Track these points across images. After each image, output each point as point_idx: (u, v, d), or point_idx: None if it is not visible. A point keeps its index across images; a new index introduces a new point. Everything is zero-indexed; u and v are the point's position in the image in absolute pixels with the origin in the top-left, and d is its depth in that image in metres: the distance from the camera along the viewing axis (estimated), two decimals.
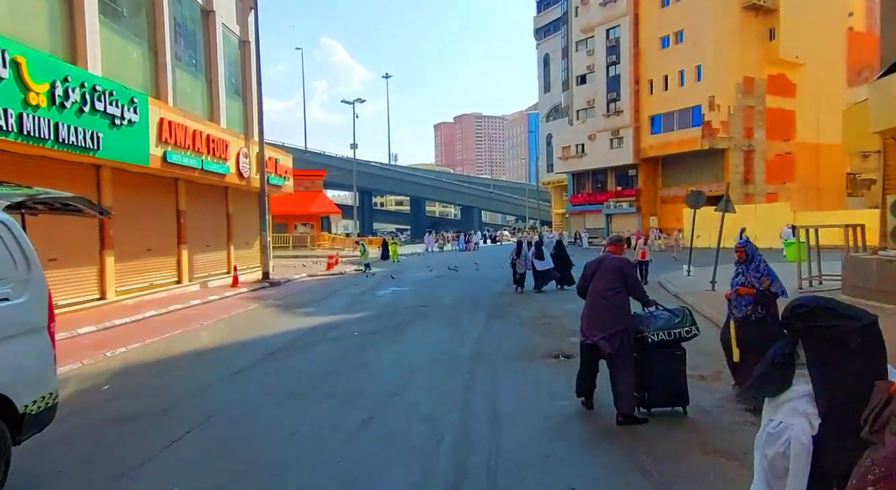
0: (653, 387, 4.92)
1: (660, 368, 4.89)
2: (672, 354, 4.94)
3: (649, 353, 4.94)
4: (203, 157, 14.87)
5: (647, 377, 4.92)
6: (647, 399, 4.95)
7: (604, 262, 5.27)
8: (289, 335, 9.63)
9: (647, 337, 4.92)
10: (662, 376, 4.90)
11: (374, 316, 11.78)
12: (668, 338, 4.91)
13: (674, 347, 4.97)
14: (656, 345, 4.91)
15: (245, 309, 13.06)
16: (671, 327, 4.94)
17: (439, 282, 18.88)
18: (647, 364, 4.91)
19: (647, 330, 4.95)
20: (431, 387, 6.18)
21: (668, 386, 4.91)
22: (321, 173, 45.21)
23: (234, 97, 20.18)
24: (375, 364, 7.36)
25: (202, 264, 16.98)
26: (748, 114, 39.84)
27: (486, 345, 8.56)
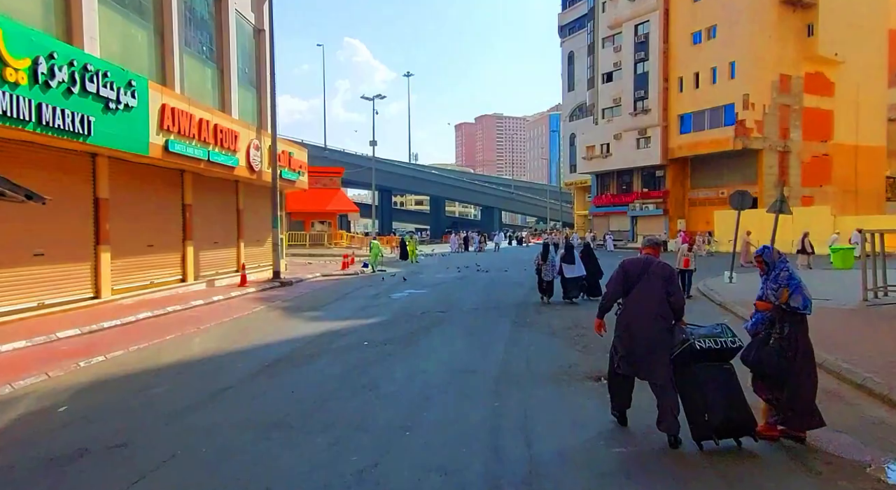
0: (712, 405, 4.21)
1: (713, 383, 4.28)
2: (722, 368, 4.37)
3: (696, 368, 4.35)
4: (210, 148, 13.97)
5: (702, 395, 4.26)
6: (709, 421, 4.20)
7: (650, 266, 4.68)
8: (290, 344, 8.60)
9: (695, 343, 4.34)
10: (719, 391, 4.26)
11: (388, 322, 10.70)
12: (715, 346, 4.35)
13: (721, 362, 4.41)
14: (703, 355, 4.34)
15: (249, 311, 12.09)
16: (716, 336, 4.42)
17: (459, 284, 17.75)
18: (698, 379, 4.31)
19: (693, 336, 4.40)
20: (449, 419, 5.05)
21: (729, 404, 4.23)
22: (339, 171, 44.42)
23: (247, 88, 19.31)
24: (384, 384, 6.26)
25: (209, 262, 16.11)
26: (784, 113, 37.99)
27: (513, 361, 7.42)
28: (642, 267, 4.72)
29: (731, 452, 4.22)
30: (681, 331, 4.50)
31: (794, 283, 4.34)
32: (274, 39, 18.91)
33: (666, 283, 4.62)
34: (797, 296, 4.29)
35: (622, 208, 47.40)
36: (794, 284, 4.33)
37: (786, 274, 4.40)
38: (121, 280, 12.14)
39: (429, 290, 16.45)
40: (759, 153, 37.63)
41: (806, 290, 4.35)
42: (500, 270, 22.81)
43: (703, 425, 4.22)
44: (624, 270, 4.77)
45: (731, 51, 37.37)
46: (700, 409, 4.26)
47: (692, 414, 4.32)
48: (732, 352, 4.43)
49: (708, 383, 4.29)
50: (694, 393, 4.32)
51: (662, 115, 42.21)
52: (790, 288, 4.31)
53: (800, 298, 4.29)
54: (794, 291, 4.30)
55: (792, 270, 4.44)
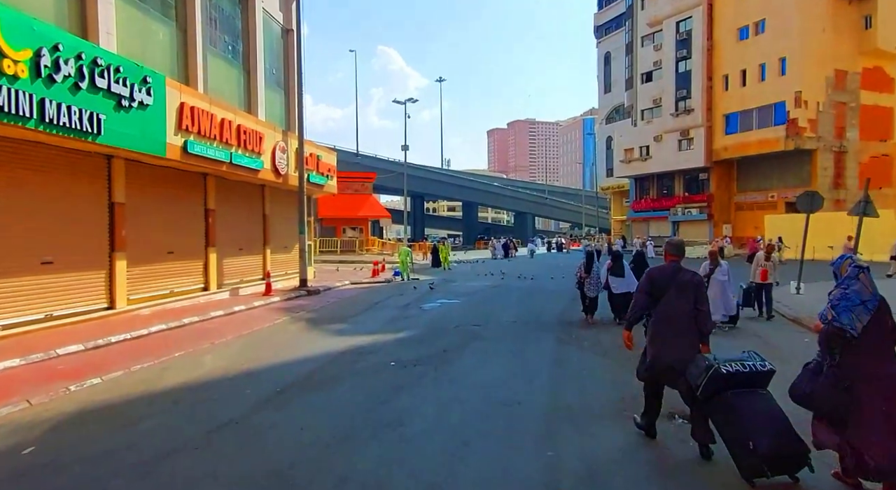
0: (755, 431, 3.68)
1: (751, 409, 3.82)
2: (758, 394, 3.94)
3: (727, 395, 3.92)
4: (232, 150, 13.28)
5: (741, 422, 3.78)
6: (756, 449, 3.63)
7: (678, 275, 4.46)
8: (309, 363, 7.67)
9: (720, 367, 3.91)
10: (760, 416, 3.78)
11: (418, 337, 9.70)
12: (743, 370, 3.94)
13: (755, 388, 3.98)
14: (732, 381, 3.91)
15: (271, 323, 11.27)
16: (743, 359, 4.04)
17: (494, 293, 16.64)
18: (733, 407, 3.86)
19: (716, 361, 3.99)
20: (493, 476, 3.98)
21: (775, 428, 3.71)
22: (371, 176, 43.87)
23: (275, 89, 18.72)
24: (412, 420, 5.24)
25: (234, 270, 15.45)
26: (839, 111, 35.62)
27: (563, 390, 6.30)
28: (670, 276, 4.48)
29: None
30: (702, 358, 4.10)
31: (845, 302, 3.63)
32: (301, 39, 18.29)
33: (695, 295, 4.40)
34: (845, 314, 3.58)
35: (662, 213, 45.44)
36: (844, 304, 3.62)
37: (839, 292, 3.73)
38: (138, 289, 11.50)
39: (462, 300, 15.40)
40: (812, 154, 35.35)
41: (857, 311, 3.57)
42: (537, 278, 21.58)
43: (749, 456, 3.67)
44: (650, 280, 4.54)
45: (781, 46, 35.27)
46: (742, 438, 3.75)
47: (735, 447, 3.83)
48: (764, 376, 4.01)
49: (745, 409, 3.83)
50: (731, 422, 3.86)
51: (706, 115, 40.24)
52: (837, 308, 3.64)
53: (847, 319, 3.56)
54: (841, 311, 3.60)
55: (851, 289, 3.68)
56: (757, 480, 3.72)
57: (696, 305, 4.38)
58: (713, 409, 4.04)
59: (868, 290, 3.61)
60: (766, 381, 4.07)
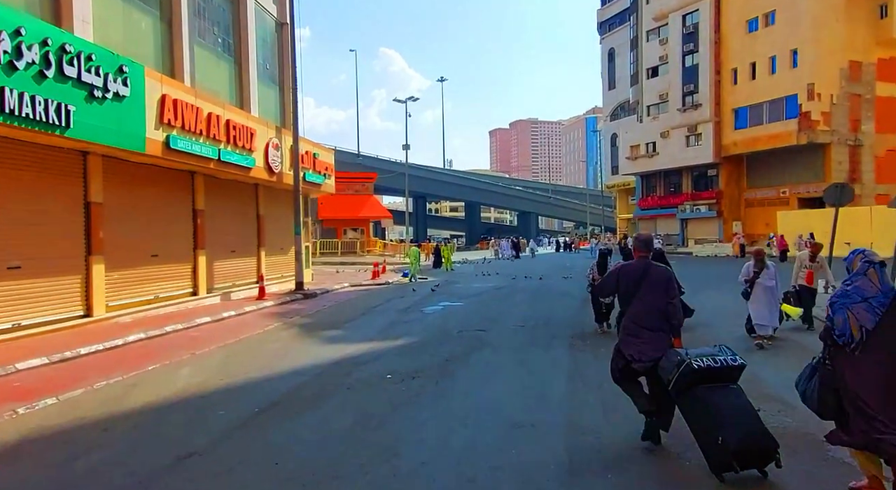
0: (724, 425, 3.70)
1: (722, 403, 3.82)
2: (728, 388, 3.95)
3: (698, 390, 3.91)
4: (221, 147, 12.51)
5: (710, 416, 3.80)
6: (724, 443, 3.63)
7: (649, 271, 4.39)
8: (296, 377, 6.88)
9: (692, 362, 3.90)
10: (730, 410, 3.79)
11: (418, 345, 8.90)
12: (714, 364, 3.92)
13: (726, 382, 3.98)
14: (703, 376, 3.89)
15: (261, 330, 10.49)
16: (714, 354, 4.02)
17: (499, 295, 15.83)
18: (703, 401, 3.87)
19: (688, 356, 3.97)
20: None
21: (744, 423, 3.73)
22: (372, 176, 43.12)
23: (269, 85, 17.97)
24: (408, 449, 4.43)
25: (225, 273, 14.68)
26: (854, 103, 34.60)
27: (583, 407, 5.49)
28: (640, 273, 4.40)
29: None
30: (674, 353, 4.09)
31: (842, 301, 3.34)
32: (296, 33, 17.49)
33: (666, 289, 4.36)
34: (837, 317, 3.32)
35: (670, 210, 44.51)
36: (842, 302, 3.34)
37: (841, 288, 3.46)
38: (118, 295, 10.74)
39: (466, 302, 14.60)
40: (826, 148, 34.38)
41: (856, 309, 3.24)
42: (543, 278, 20.76)
43: (718, 450, 3.69)
44: (618, 276, 4.52)
45: (792, 37, 34.32)
46: (711, 432, 3.75)
47: (704, 441, 3.85)
48: (735, 370, 4.00)
49: (715, 403, 3.83)
50: (701, 416, 3.87)
51: (715, 109, 39.32)
52: (833, 306, 3.39)
53: (839, 320, 3.29)
54: (835, 311, 3.34)
55: (853, 285, 3.37)
56: (726, 474, 3.70)
57: (669, 300, 4.33)
58: (684, 403, 4.03)
59: (874, 287, 3.27)
60: (738, 376, 4.05)
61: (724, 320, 10.31)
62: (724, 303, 12.17)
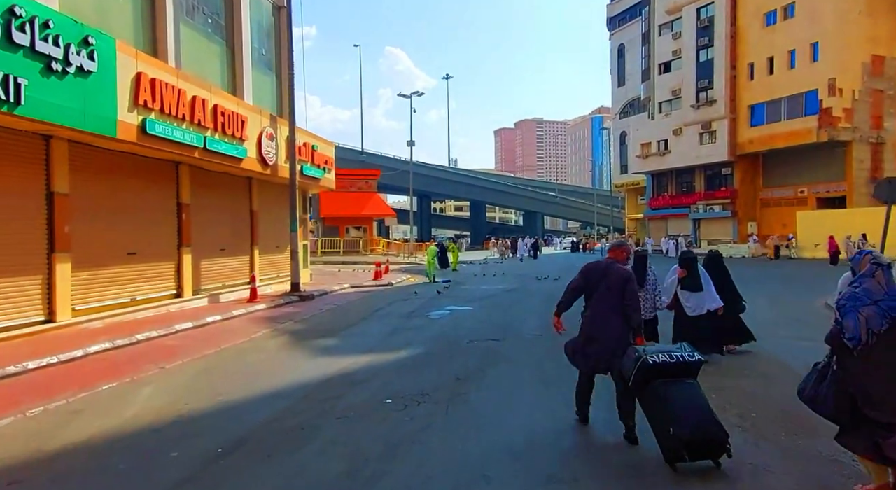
0: (677, 418, 3.81)
1: (676, 397, 3.93)
2: (684, 383, 4.02)
3: (655, 385, 4.01)
4: (207, 134, 11.36)
5: (665, 409, 3.91)
6: (676, 434, 3.75)
7: (610, 272, 4.61)
8: (276, 401, 5.71)
9: (647, 358, 4.01)
10: (683, 403, 3.89)
11: (423, 358, 7.73)
12: (670, 360, 4.02)
13: (683, 377, 4.05)
14: (660, 371, 4.01)
15: (247, 338, 9.33)
16: (671, 350, 4.13)
17: (512, 298, 14.64)
18: (658, 395, 3.98)
19: (644, 352, 4.07)
20: None
21: (696, 415, 3.83)
22: (376, 173, 41.93)
23: (265, 72, 16.83)
24: None
25: (214, 273, 13.54)
26: (877, 99, 33.19)
27: (635, 454, 4.30)
28: (602, 272, 4.66)
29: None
30: (633, 350, 4.22)
31: (852, 303, 3.24)
32: (292, 16, 16.31)
33: (623, 290, 4.52)
34: (847, 320, 3.20)
35: (682, 210, 43.15)
36: (851, 305, 3.23)
37: (849, 290, 3.35)
38: (87, 298, 9.59)
39: (475, 306, 13.41)
40: (847, 145, 32.99)
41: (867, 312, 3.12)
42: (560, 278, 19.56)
43: (671, 441, 3.83)
44: (583, 275, 4.76)
45: (812, 30, 32.96)
46: (664, 424, 3.90)
47: (658, 433, 4.00)
48: (692, 366, 4.10)
49: (670, 397, 3.96)
50: (657, 410, 4.01)
51: (730, 106, 37.97)
52: (843, 308, 3.27)
53: (850, 324, 3.17)
54: (845, 314, 3.23)
55: (862, 287, 3.25)
56: (679, 465, 3.83)
57: (624, 301, 4.49)
58: (643, 398, 4.16)
59: (882, 289, 3.23)
60: (695, 372, 4.14)
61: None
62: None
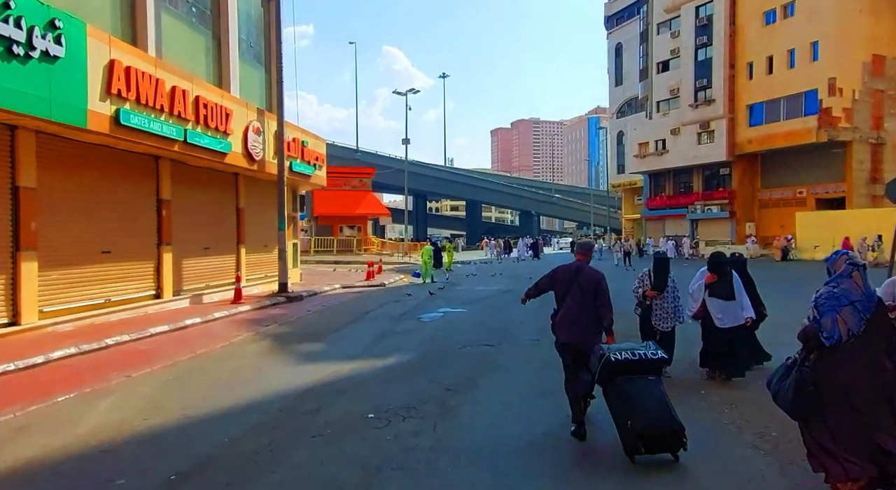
0: (634, 412, 4.00)
1: (635, 392, 4.10)
2: (646, 380, 4.19)
3: (618, 381, 4.19)
4: (188, 127, 10.81)
5: (625, 404, 4.10)
6: (632, 427, 3.95)
7: (580, 274, 4.76)
8: (248, 415, 5.18)
9: (610, 355, 4.19)
10: (641, 398, 4.06)
11: (412, 365, 7.21)
12: (632, 357, 4.20)
13: (646, 374, 4.22)
14: (623, 368, 4.18)
15: (225, 343, 8.78)
16: (634, 349, 4.29)
17: (507, 300, 14.15)
18: (620, 391, 4.17)
19: (609, 350, 4.25)
20: None
21: (652, 410, 3.99)
22: (370, 171, 41.39)
23: (253, 65, 16.28)
24: None
25: (197, 273, 12.98)
26: (877, 99, 32.86)
27: (642, 476, 3.79)
28: (573, 275, 4.76)
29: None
30: (599, 348, 4.36)
31: (831, 303, 3.22)
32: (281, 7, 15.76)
33: (595, 293, 4.64)
34: (825, 319, 3.20)
35: (680, 211, 42.73)
36: (830, 305, 3.22)
37: (826, 290, 3.33)
38: (57, 299, 9.02)
39: (469, 309, 12.92)
40: (847, 146, 32.62)
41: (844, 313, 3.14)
42: None
43: (628, 434, 4.01)
44: (552, 277, 4.89)
45: (813, 29, 32.55)
46: (624, 417, 4.08)
47: (619, 426, 4.17)
48: (655, 363, 4.28)
49: (629, 392, 4.13)
50: (618, 404, 4.19)
51: (728, 105, 37.54)
52: (821, 307, 3.26)
53: (828, 322, 3.17)
54: (823, 313, 3.22)
55: (840, 288, 3.25)
56: (638, 457, 3.95)
57: (596, 302, 4.63)
58: (606, 393, 4.31)
59: (859, 290, 3.23)
60: (658, 368, 4.31)
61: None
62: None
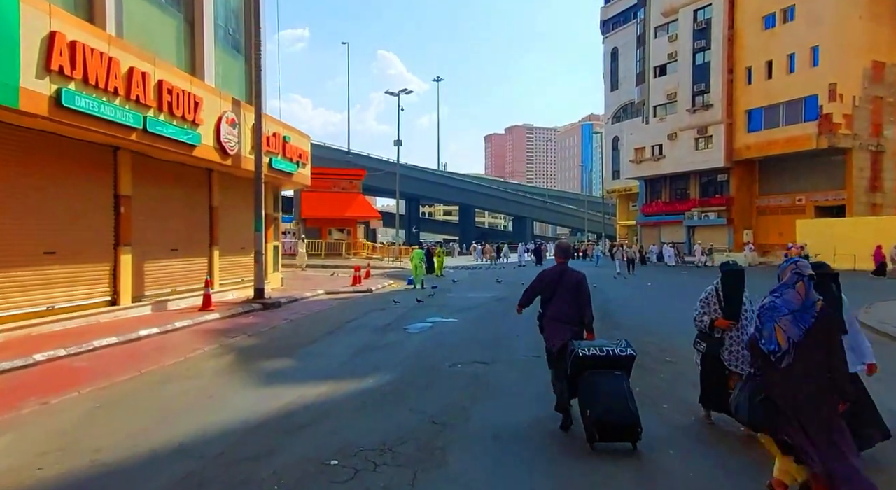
0: (592, 403, 4.34)
1: (597, 384, 4.41)
2: (611, 374, 4.47)
3: (586, 374, 4.50)
4: (149, 114, 9.69)
5: (587, 395, 4.44)
6: (589, 416, 4.30)
7: (564, 276, 5.09)
8: (175, 462, 4.06)
9: (577, 350, 4.51)
10: (601, 389, 4.37)
11: (391, 389, 6.12)
12: (599, 353, 4.49)
13: (612, 368, 4.50)
14: (590, 363, 4.49)
15: (180, 358, 7.64)
16: (602, 345, 4.58)
17: (501, 309, 13.07)
18: (585, 383, 4.48)
19: (578, 346, 4.57)
20: None
21: (609, 401, 4.29)
22: (360, 173, 40.22)
23: (232, 54, 15.19)
24: None
25: (162, 276, 11.81)
26: (877, 106, 32.26)
27: None
28: (558, 277, 5.07)
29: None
30: (572, 344, 4.62)
31: (770, 313, 3.26)
32: None
33: (577, 291, 5.00)
34: (765, 329, 3.25)
35: (676, 217, 41.97)
36: (770, 315, 3.25)
37: (769, 299, 3.33)
38: None
39: (460, 318, 11.85)
40: (847, 153, 31.95)
41: (783, 322, 3.17)
42: None
43: (587, 422, 4.32)
44: (540, 280, 5.18)
45: (813, 34, 31.93)
46: (585, 407, 4.38)
47: (581, 415, 4.46)
48: (622, 360, 4.51)
49: (592, 385, 4.41)
50: (583, 395, 4.48)
51: (727, 110, 36.86)
52: (762, 316, 3.30)
53: (767, 332, 3.23)
54: (763, 323, 3.27)
55: (783, 298, 3.25)
56: (598, 444, 4.28)
57: (578, 300, 4.98)
58: (576, 385, 4.58)
59: (799, 300, 3.20)
60: (625, 364, 4.54)
61: None
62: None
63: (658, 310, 13.50)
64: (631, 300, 15.40)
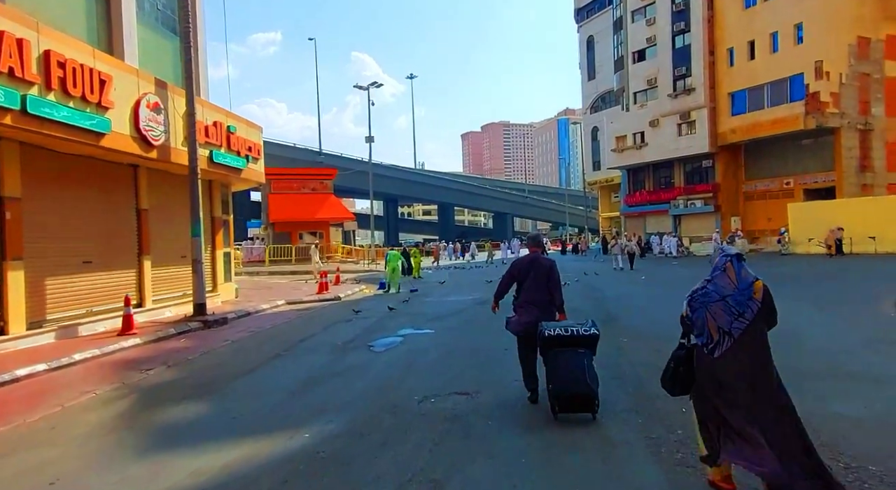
0: (553, 377, 4.70)
1: (560, 361, 4.72)
2: (575, 352, 4.76)
3: (552, 352, 4.81)
4: (30, 92, 7.63)
5: (550, 370, 4.77)
6: (550, 390, 4.70)
7: (535, 262, 5.34)
8: None
9: (544, 331, 4.84)
10: (562, 365, 4.69)
11: (335, 447, 4.22)
12: (563, 333, 4.80)
13: (576, 347, 4.79)
14: (556, 342, 4.80)
15: (55, 409, 5.63)
16: (567, 325, 4.88)
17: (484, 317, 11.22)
18: (550, 359, 4.81)
19: (545, 326, 4.89)
20: None
21: (567, 376, 4.61)
22: (331, 172, 38.14)
23: (162, 33, 13.11)
24: None
25: (73, 295, 9.73)
26: (863, 83, 31.11)
27: None
28: (529, 263, 5.36)
29: None
30: (542, 325, 4.91)
31: (701, 300, 3.07)
32: None
33: (548, 276, 5.27)
34: (696, 317, 3.09)
35: (661, 206, 40.65)
36: (701, 302, 3.07)
37: (701, 284, 3.13)
38: None
39: (437, 327, 10.02)
40: (835, 133, 30.83)
41: (713, 309, 2.99)
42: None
43: (549, 395, 4.71)
44: (513, 268, 5.44)
45: (796, 11, 30.75)
46: (548, 381, 4.74)
47: (547, 389, 4.79)
48: (586, 338, 4.78)
49: (556, 361, 4.74)
50: (548, 370, 4.79)
51: (709, 94, 35.56)
52: (693, 302, 3.11)
53: (699, 320, 3.07)
54: (694, 310, 3.10)
55: (714, 284, 3.04)
56: (561, 415, 4.62)
57: (548, 284, 5.24)
58: (545, 362, 4.90)
59: (732, 284, 2.98)
60: (589, 342, 4.81)
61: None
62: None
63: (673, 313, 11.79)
64: (632, 298, 13.71)
